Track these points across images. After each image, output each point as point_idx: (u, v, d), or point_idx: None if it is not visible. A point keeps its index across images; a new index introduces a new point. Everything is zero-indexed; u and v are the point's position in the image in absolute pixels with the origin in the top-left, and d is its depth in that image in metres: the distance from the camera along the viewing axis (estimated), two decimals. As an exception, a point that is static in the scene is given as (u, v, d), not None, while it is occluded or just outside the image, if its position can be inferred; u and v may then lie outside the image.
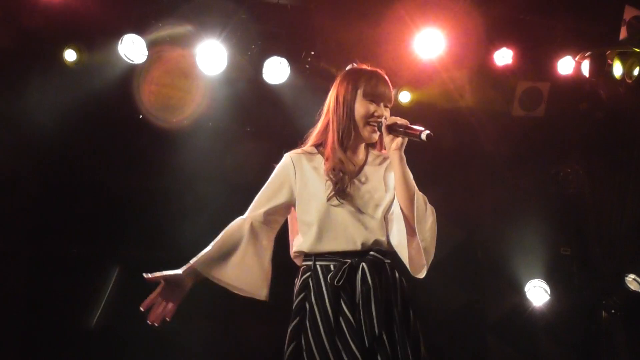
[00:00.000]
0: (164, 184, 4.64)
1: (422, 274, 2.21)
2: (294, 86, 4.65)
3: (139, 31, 4.27)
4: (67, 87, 4.36)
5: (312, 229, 2.23)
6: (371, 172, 2.33)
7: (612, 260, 5.16)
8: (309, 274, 2.24)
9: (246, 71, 4.69)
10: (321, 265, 2.22)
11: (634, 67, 4.48)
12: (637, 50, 4.37)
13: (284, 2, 4.54)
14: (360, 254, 2.21)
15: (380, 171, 2.34)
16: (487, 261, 5.42)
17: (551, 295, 5.21)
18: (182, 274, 2.24)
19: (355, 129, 2.29)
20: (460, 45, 4.75)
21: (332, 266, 2.19)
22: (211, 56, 4.36)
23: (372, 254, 2.21)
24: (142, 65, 4.40)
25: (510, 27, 4.82)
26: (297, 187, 2.29)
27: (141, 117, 4.58)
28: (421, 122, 2.18)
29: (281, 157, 2.38)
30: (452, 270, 5.20)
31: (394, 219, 2.23)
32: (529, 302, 5.24)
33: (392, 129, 2.20)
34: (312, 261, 2.24)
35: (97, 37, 4.35)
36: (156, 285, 2.24)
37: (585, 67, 4.71)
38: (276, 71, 4.58)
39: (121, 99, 4.50)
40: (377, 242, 2.22)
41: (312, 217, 2.24)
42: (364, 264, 2.18)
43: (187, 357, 4.58)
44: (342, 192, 2.21)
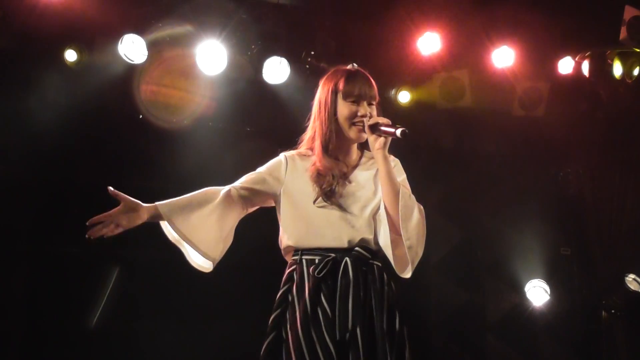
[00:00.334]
0: (164, 184, 4.63)
1: (407, 274, 2.20)
2: (294, 86, 4.65)
3: (139, 31, 4.27)
4: (68, 87, 4.38)
5: (299, 225, 2.26)
6: (361, 173, 2.34)
7: (612, 260, 5.16)
8: (294, 267, 2.26)
9: (246, 71, 4.69)
10: (307, 259, 2.24)
11: (634, 67, 4.49)
12: (637, 50, 4.38)
13: (284, 2, 4.55)
14: (346, 251, 2.22)
15: (371, 172, 2.35)
16: (487, 261, 5.41)
17: (551, 295, 5.22)
18: (144, 205, 2.25)
19: (341, 132, 2.30)
20: (460, 45, 4.75)
21: (317, 260, 2.21)
22: (211, 56, 4.36)
23: (357, 249, 2.22)
24: (142, 65, 4.40)
25: (510, 27, 4.82)
26: (284, 183, 2.31)
27: (141, 117, 4.59)
28: (421, 122, 2.18)
29: (280, 157, 2.41)
30: (452, 270, 5.21)
31: (382, 219, 2.23)
32: (529, 302, 5.24)
33: (373, 129, 2.21)
34: (299, 255, 2.26)
35: (98, 37, 4.36)
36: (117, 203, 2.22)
37: (585, 67, 4.71)
38: (276, 71, 4.58)
39: (121, 99, 4.50)
40: (364, 241, 2.23)
41: (300, 214, 2.26)
42: (347, 259, 2.19)
43: (187, 357, 4.57)
44: (327, 195, 2.23)
